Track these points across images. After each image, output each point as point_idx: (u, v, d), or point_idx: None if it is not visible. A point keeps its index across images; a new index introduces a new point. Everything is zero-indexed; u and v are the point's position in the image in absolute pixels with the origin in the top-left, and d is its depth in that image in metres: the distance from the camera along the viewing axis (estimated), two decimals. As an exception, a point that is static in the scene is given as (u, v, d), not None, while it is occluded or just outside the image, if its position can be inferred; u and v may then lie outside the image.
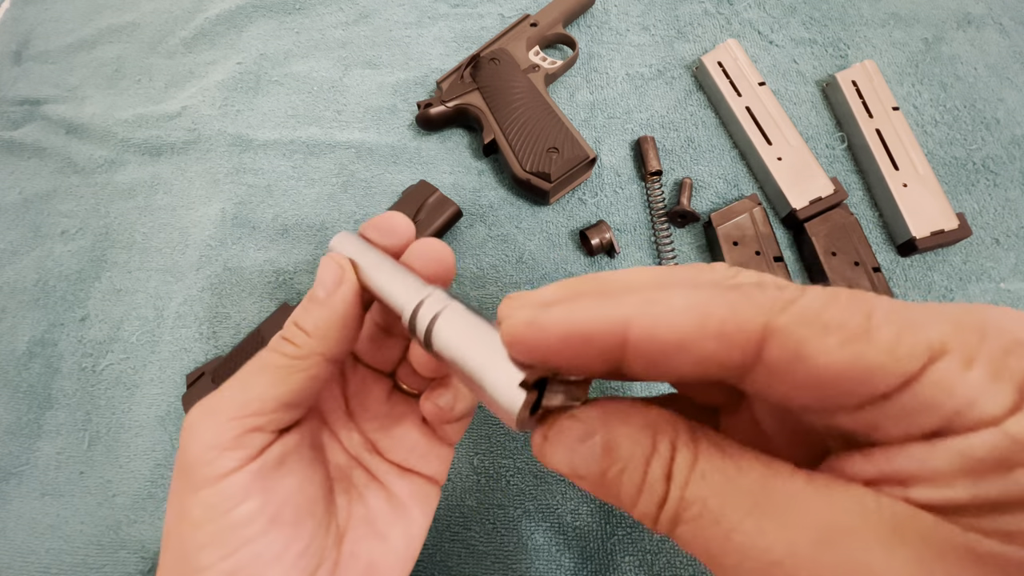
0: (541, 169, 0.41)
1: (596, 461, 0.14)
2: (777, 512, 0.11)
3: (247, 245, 0.44)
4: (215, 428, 0.19)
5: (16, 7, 0.59)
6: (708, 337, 0.12)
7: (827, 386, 0.12)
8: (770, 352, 0.12)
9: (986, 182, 0.43)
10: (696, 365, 0.12)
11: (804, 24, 0.50)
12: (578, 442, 0.14)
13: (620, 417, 0.14)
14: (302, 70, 0.51)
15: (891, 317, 0.12)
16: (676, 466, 0.13)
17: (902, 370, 0.11)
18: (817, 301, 0.12)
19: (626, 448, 0.13)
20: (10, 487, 0.38)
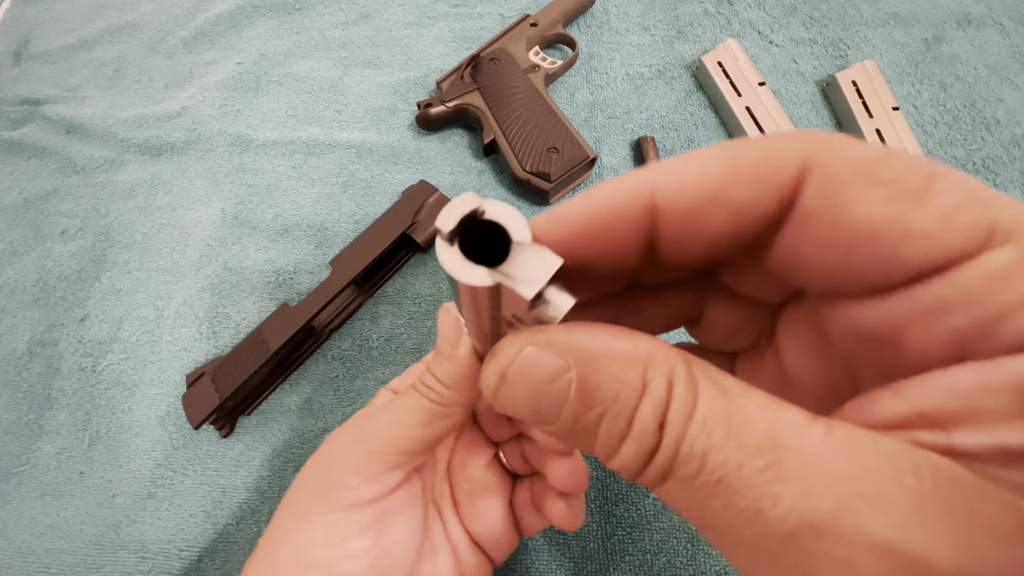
0: (541, 169, 0.41)
1: (569, 405, 0.11)
2: (791, 475, 0.09)
3: (247, 245, 0.43)
4: (365, 457, 0.20)
5: (16, 7, 0.59)
6: (741, 182, 0.10)
7: (861, 247, 0.10)
8: (805, 197, 0.10)
9: (986, 182, 0.43)
10: (730, 220, 0.11)
11: (804, 24, 0.50)
12: (546, 382, 0.11)
13: (602, 347, 0.11)
14: (302, 70, 0.51)
15: (958, 187, 0.10)
16: (672, 411, 0.10)
17: (953, 244, 0.09)
18: (872, 151, 0.10)
19: (608, 388, 0.11)
20: (10, 487, 0.38)
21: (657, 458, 0.10)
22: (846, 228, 0.10)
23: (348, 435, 0.21)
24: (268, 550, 0.20)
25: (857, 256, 0.10)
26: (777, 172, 0.10)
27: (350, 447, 0.20)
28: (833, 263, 0.10)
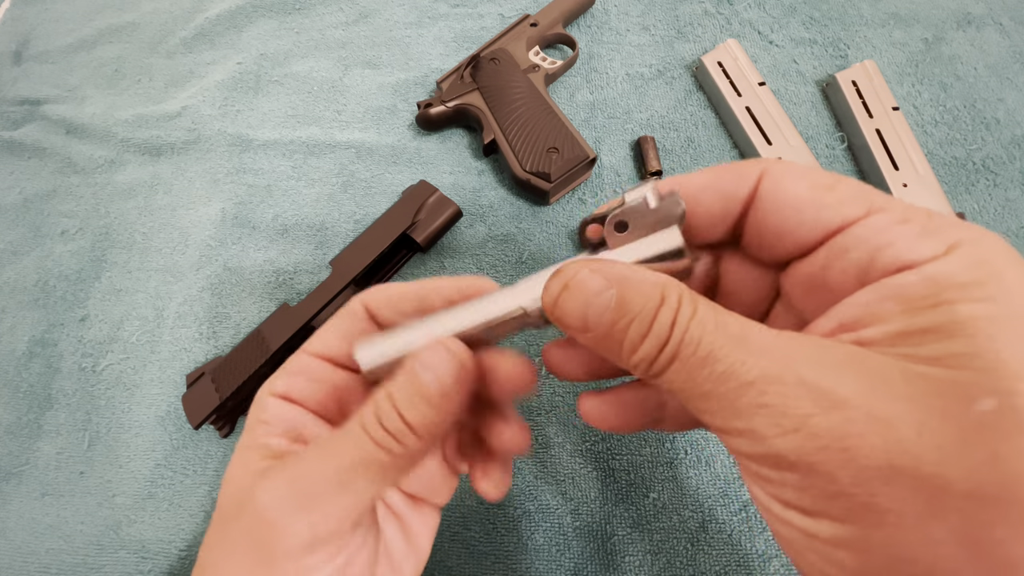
0: (541, 169, 0.41)
1: (609, 312, 0.16)
2: (755, 349, 0.14)
3: (247, 245, 0.44)
4: (310, 527, 0.17)
5: (16, 7, 0.59)
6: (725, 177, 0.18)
7: (799, 211, 0.16)
8: (763, 187, 0.17)
9: (986, 182, 0.43)
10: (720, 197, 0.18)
11: (804, 24, 0.50)
12: (595, 295, 0.16)
13: (633, 276, 0.16)
14: (302, 70, 0.51)
15: (854, 185, 0.16)
16: (679, 315, 0.15)
17: (848, 212, 0.15)
18: (801, 165, 0.17)
19: (638, 302, 0.15)
20: (10, 487, 0.38)
21: (668, 346, 0.15)
22: (786, 201, 0.16)
23: (290, 500, 0.17)
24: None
25: (795, 218, 0.16)
26: (747, 171, 0.17)
27: (295, 516, 0.17)
28: (782, 226, 0.17)
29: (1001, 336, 0.12)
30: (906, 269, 0.14)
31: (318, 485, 0.17)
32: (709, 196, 0.18)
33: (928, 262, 0.13)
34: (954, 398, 0.12)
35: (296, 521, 0.17)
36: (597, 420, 0.20)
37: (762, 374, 0.13)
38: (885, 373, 0.13)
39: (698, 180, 0.18)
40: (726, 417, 0.14)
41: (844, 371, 0.13)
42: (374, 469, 0.17)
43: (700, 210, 0.18)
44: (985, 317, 0.12)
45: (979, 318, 0.12)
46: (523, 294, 0.18)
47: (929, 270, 0.13)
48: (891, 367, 0.13)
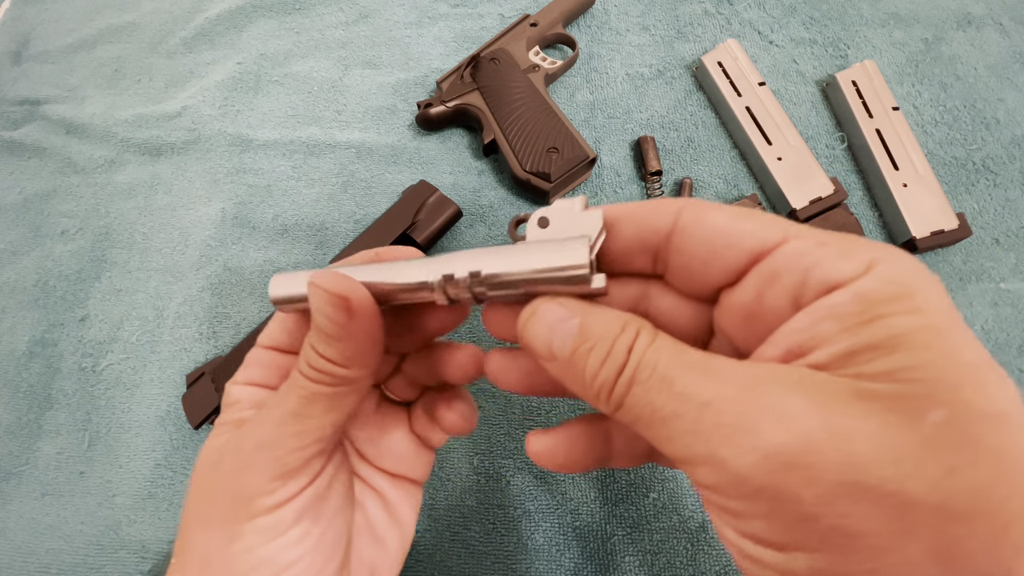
0: (541, 169, 0.41)
1: (571, 339, 0.17)
2: (712, 372, 0.14)
3: (247, 245, 0.44)
4: (278, 460, 0.19)
5: (16, 7, 0.59)
6: (645, 209, 0.18)
7: (718, 239, 0.17)
8: (682, 218, 0.17)
9: (986, 182, 0.43)
10: (639, 227, 0.18)
11: (804, 24, 0.50)
12: (559, 321, 0.17)
13: (596, 309, 0.17)
14: (302, 70, 0.51)
15: (769, 216, 0.16)
16: (638, 342, 0.16)
17: (763, 236, 0.16)
18: (718, 203, 0.18)
19: (598, 330, 0.16)
20: (10, 487, 0.38)
21: (626, 370, 0.15)
22: (705, 231, 0.17)
23: (251, 447, 0.19)
24: (198, 571, 0.19)
25: (714, 246, 0.17)
26: (666, 205, 0.18)
27: (259, 456, 0.19)
28: (705, 254, 0.17)
29: (936, 345, 0.13)
30: (835, 289, 0.14)
31: (277, 425, 0.19)
32: (629, 227, 0.18)
33: (854, 280, 0.14)
34: (906, 412, 0.12)
35: (263, 457, 0.19)
36: (547, 459, 0.20)
37: (719, 394, 0.14)
38: (839, 392, 0.13)
39: (619, 210, 0.19)
40: (687, 442, 0.14)
41: (800, 391, 0.13)
42: (322, 400, 0.19)
43: (620, 240, 0.19)
44: (918, 328, 0.13)
45: (913, 330, 0.13)
46: (434, 268, 0.19)
47: (857, 288, 0.14)
48: (844, 386, 0.13)
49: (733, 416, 0.13)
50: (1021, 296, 0.39)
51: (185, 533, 0.20)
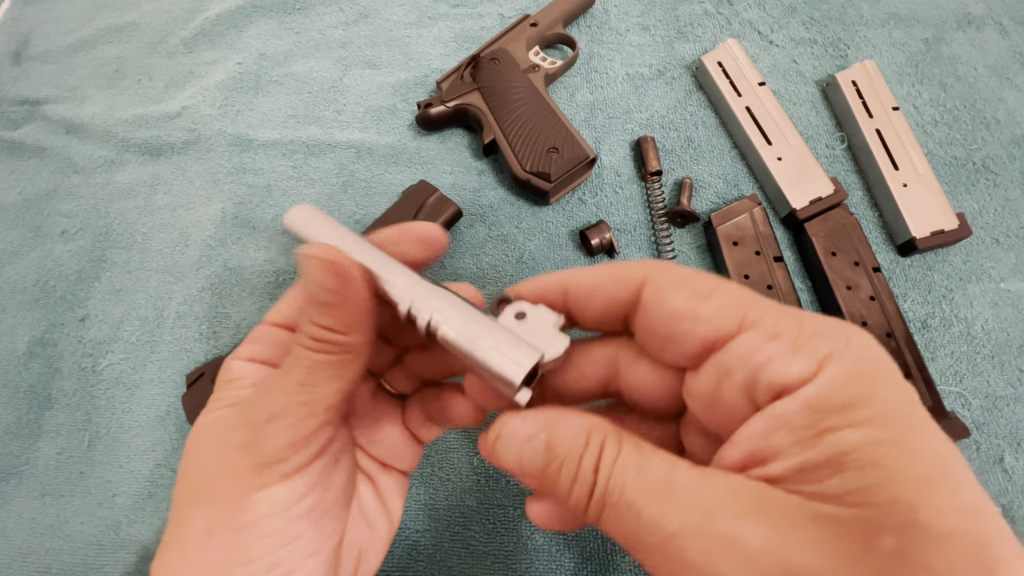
0: (541, 169, 0.41)
1: (540, 457, 0.17)
2: (675, 498, 0.14)
3: (247, 245, 0.44)
4: (290, 429, 0.19)
5: (16, 7, 0.59)
6: (610, 281, 0.19)
7: (673, 323, 0.17)
8: (645, 294, 0.18)
9: (986, 182, 0.43)
10: (606, 302, 0.19)
11: (804, 24, 0.50)
12: (526, 440, 0.17)
13: (560, 420, 0.17)
14: (302, 70, 0.51)
15: (729, 294, 0.17)
16: (603, 460, 0.16)
17: (718, 325, 0.16)
18: (684, 271, 0.18)
19: (564, 446, 0.16)
20: (10, 487, 0.38)
21: (595, 493, 0.16)
22: (664, 312, 0.17)
23: (265, 416, 0.19)
24: (199, 543, 0.19)
25: (672, 329, 0.17)
26: (629, 276, 0.18)
27: (271, 425, 0.19)
28: (664, 336, 0.17)
29: (887, 462, 0.13)
30: (785, 392, 0.14)
31: (286, 395, 0.19)
32: (597, 301, 0.19)
33: (803, 385, 0.14)
34: (858, 540, 0.12)
35: (277, 425, 0.19)
36: (545, 523, 0.21)
37: (682, 526, 0.14)
38: (794, 517, 0.13)
39: (587, 281, 0.19)
40: (663, 571, 0.15)
41: (758, 517, 0.13)
42: (325, 369, 0.20)
43: (589, 311, 0.19)
44: (868, 443, 0.13)
45: (863, 445, 0.13)
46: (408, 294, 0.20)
47: (806, 395, 0.14)
48: (798, 509, 0.13)
49: (696, 555, 0.14)
50: (1021, 296, 0.39)
51: (181, 510, 0.20)
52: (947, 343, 0.38)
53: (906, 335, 0.36)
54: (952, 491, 0.13)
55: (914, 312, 0.39)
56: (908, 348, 0.36)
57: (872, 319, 0.37)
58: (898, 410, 0.14)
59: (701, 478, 0.15)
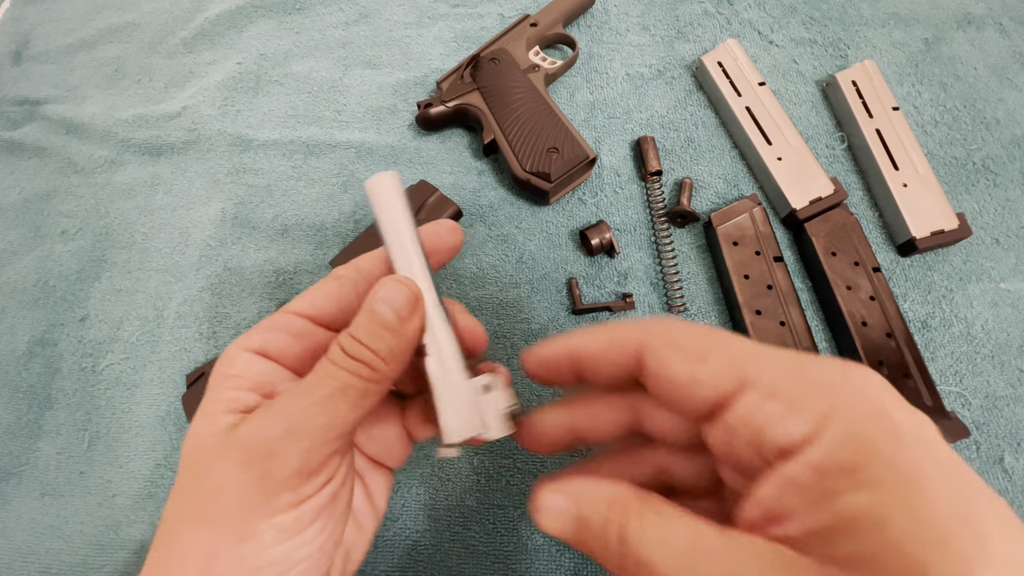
0: (541, 169, 0.41)
1: (572, 529, 0.18)
2: (699, 565, 0.15)
3: (247, 245, 0.44)
4: (303, 455, 0.18)
5: (16, 7, 0.59)
6: (612, 348, 0.19)
7: (679, 387, 0.17)
8: (645, 360, 0.18)
9: (986, 182, 0.43)
10: (612, 367, 0.19)
11: (804, 24, 0.50)
12: (560, 514, 0.18)
13: (587, 494, 0.18)
14: (302, 70, 0.51)
15: (726, 353, 0.17)
16: (628, 532, 0.16)
17: (719, 388, 0.16)
18: (679, 329, 0.18)
19: (592, 520, 0.18)
20: (10, 487, 0.38)
21: (626, 564, 0.16)
22: (665, 378, 0.18)
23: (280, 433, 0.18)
24: (202, 567, 0.18)
25: (674, 394, 0.18)
26: (628, 344, 0.19)
27: (287, 446, 0.18)
28: (667, 398, 0.18)
29: (895, 525, 0.13)
30: (790, 453, 0.15)
31: (305, 414, 0.19)
32: (603, 366, 0.20)
33: (805, 446, 0.15)
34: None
35: (290, 448, 0.18)
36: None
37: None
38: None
39: (592, 349, 0.20)
40: None
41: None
42: (351, 395, 0.19)
43: (598, 376, 0.20)
44: (875, 505, 0.13)
45: (869, 508, 0.13)
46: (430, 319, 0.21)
47: (809, 458, 0.14)
48: (813, 573, 0.14)
49: None
50: (1021, 296, 0.39)
51: (174, 528, 0.19)
52: (947, 343, 0.38)
53: (906, 335, 0.36)
54: (966, 540, 0.13)
55: (914, 312, 0.39)
56: (908, 348, 0.36)
57: (872, 319, 0.37)
58: (904, 466, 0.14)
59: (723, 543, 0.15)
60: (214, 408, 0.20)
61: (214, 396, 0.20)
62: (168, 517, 0.20)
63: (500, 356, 0.39)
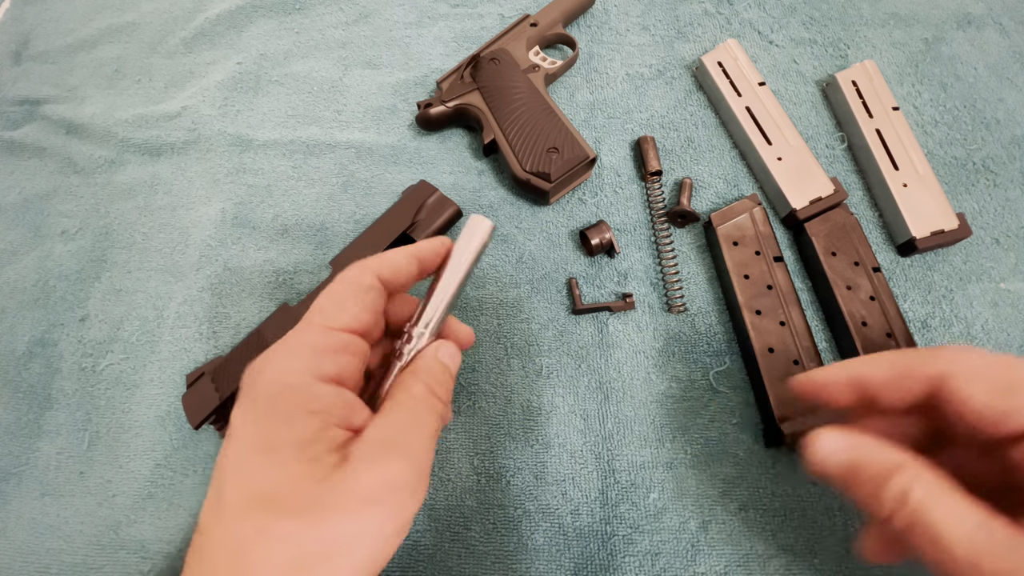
0: (541, 169, 0.41)
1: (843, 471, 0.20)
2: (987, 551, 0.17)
3: (247, 245, 0.44)
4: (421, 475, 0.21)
5: (16, 7, 0.59)
6: (904, 377, 0.21)
7: (987, 419, 0.19)
8: (947, 391, 0.19)
9: (986, 182, 0.43)
10: (901, 395, 0.21)
11: (804, 24, 0.50)
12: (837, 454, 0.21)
13: (871, 448, 0.20)
14: (302, 70, 0.51)
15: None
16: (911, 496, 0.19)
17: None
18: (982, 360, 0.20)
19: (869, 470, 0.20)
20: (10, 487, 0.38)
21: (899, 516, 0.19)
22: (972, 411, 0.19)
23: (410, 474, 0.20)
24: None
25: (977, 425, 0.19)
26: (920, 374, 0.21)
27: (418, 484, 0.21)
28: (974, 426, 0.20)
29: None
30: None
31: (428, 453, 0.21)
32: (891, 393, 0.21)
33: None
34: None
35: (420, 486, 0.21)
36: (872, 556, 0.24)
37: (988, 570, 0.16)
38: None
39: (879, 376, 0.22)
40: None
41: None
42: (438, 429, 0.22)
43: (884, 403, 0.22)
44: None
45: None
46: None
47: None
48: None
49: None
50: (1021, 296, 0.39)
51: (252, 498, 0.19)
52: (947, 343, 0.38)
53: (906, 335, 0.36)
54: None
55: (914, 312, 0.39)
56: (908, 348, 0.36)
57: (872, 319, 0.37)
58: None
59: (1016, 542, 0.17)
60: (317, 450, 0.19)
61: (313, 436, 0.19)
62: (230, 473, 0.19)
63: (500, 356, 0.39)
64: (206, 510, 0.20)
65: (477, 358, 0.39)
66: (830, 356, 0.38)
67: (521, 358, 0.38)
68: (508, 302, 0.40)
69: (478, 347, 0.39)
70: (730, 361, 0.38)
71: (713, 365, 0.38)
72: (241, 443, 0.20)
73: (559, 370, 0.38)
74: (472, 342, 0.27)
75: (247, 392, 0.21)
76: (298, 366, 0.20)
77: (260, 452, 0.19)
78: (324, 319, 0.21)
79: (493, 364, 0.38)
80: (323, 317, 0.22)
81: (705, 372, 0.38)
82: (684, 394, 0.37)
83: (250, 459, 0.19)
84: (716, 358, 0.38)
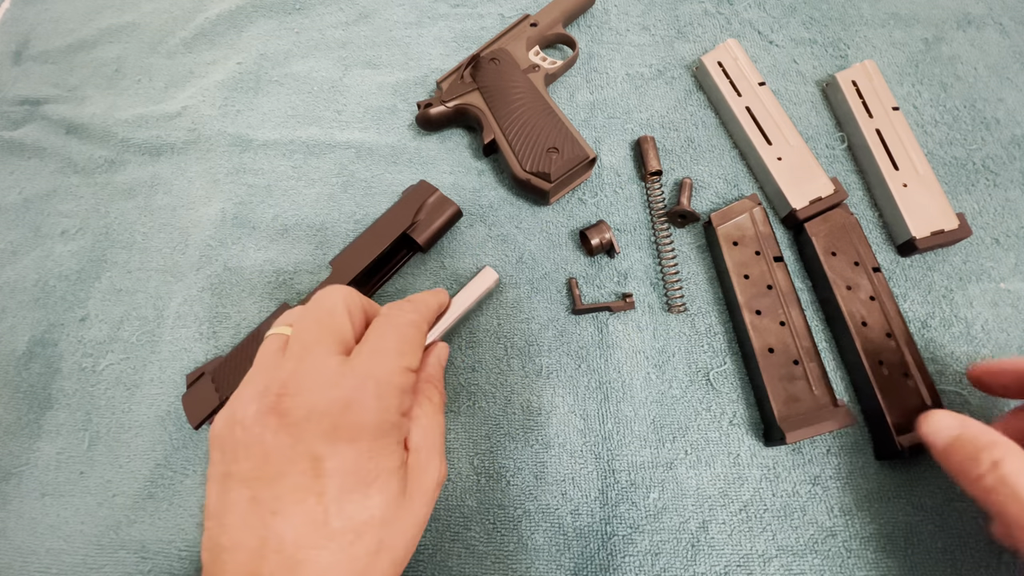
0: (541, 169, 0.41)
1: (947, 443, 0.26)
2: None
3: (247, 245, 0.44)
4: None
5: (16, 7, 0.59)
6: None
7: None
8: None
9: (986, 182, 0.43)
10: None
11: (804, 24, 0.50)
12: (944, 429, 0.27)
13: (975, 427, 0.26)
14: (302, 70, 0.51)
15: None
16: (1003, 465, 0.23)
17: None
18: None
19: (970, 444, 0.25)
20: (10, 487, 0.38)
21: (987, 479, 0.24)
22: None
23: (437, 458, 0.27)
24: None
25: None
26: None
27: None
28: None
29: None
30: None
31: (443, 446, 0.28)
32: None
33: None
34: None
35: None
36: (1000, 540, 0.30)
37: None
38: None
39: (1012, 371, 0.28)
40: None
41: None
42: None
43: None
44: None
45: None
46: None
47: None
48: None
49: None
50: (1021, 296, 0.39)
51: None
52: (947, 343, 0.38)
53: (906, 335, 0.36)
54: None
55: (914, 312, 0.39)
56: (908, 348, 0.36)
57: (872, 319, 0.37)
58: None
59: None
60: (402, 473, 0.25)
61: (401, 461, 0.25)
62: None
63: (500, 356, 0.39)
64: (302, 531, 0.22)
65: (477, 358, 0.39)
66: (830, 356, 0.38)
67: (521, 358, 0.38)
68: (508, 302, 0.40)
69: (478, 347, 0.39)
70: (730, 361, 0.38)
71: (713, 365, 0.38)
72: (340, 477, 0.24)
73: (559, 370, 0.38)
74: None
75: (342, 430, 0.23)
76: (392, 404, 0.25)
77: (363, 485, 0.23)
78: (406, 363, 0.25)
79: (493, 364, 0.38)
80: (405, 360, 0.25)
81: (705, 372, 0.38)
82: (684, 394, 0.37)
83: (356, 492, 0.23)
84: (716, 358, 0.38)
